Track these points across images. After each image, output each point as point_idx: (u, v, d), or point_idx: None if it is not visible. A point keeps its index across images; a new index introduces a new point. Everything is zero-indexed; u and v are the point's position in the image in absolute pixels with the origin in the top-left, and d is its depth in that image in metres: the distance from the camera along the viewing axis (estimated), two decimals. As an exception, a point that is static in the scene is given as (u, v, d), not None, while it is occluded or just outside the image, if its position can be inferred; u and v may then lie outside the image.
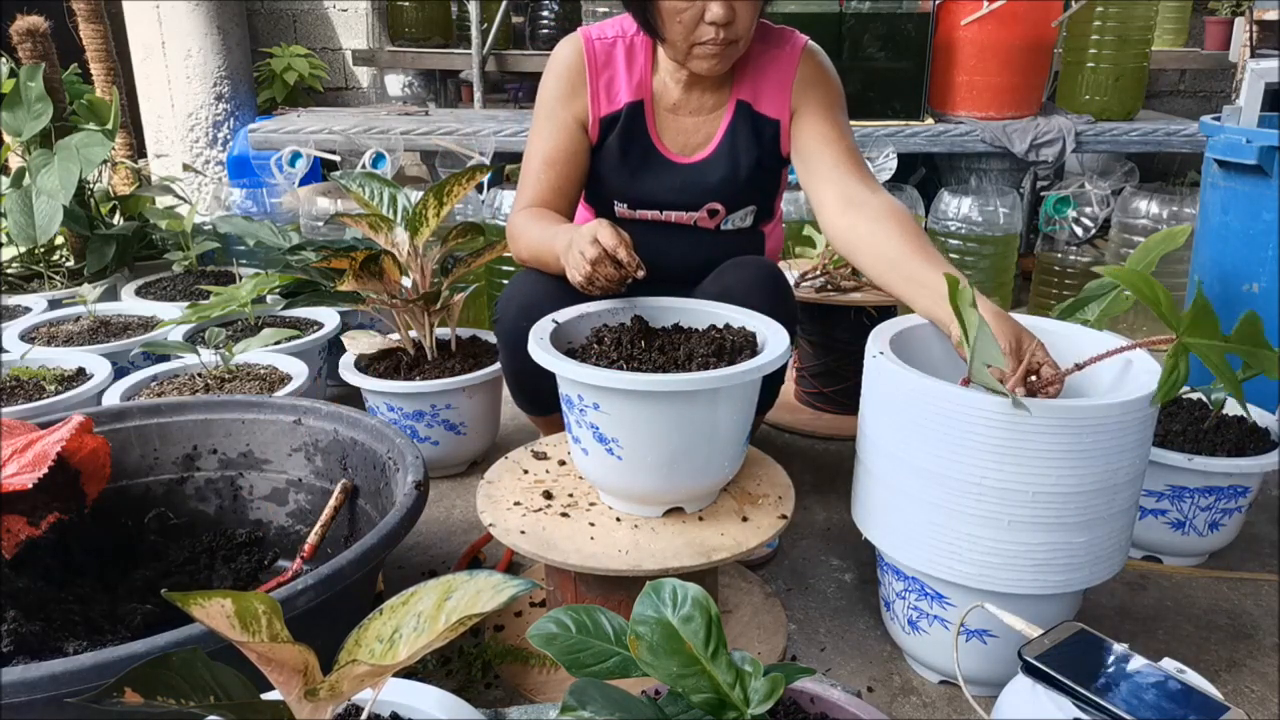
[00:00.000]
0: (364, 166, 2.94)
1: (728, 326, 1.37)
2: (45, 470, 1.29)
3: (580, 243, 1.32)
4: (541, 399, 1.59)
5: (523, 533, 1.27)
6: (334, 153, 3.04)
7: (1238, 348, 1.13)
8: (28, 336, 2.25)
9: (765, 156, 1.58)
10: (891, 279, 1.39)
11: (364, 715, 0.83)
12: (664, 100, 1.57)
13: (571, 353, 1.30)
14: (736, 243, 1.63)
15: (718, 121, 1.57)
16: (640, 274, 1.31)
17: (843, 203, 1.46)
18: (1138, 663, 0.95)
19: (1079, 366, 1.22)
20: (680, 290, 1.51)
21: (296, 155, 2.99)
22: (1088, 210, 2.89)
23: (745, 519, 1.31)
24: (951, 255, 2.73)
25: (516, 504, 1.34)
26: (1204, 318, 1.13)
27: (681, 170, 1.59)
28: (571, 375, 1.20)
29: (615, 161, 1.59)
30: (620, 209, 1.63)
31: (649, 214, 1.62)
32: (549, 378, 1.27)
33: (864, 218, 1.43)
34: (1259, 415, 1.72)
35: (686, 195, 1.59)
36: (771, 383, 1.60)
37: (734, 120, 1.56)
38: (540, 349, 1.25)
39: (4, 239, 2.75)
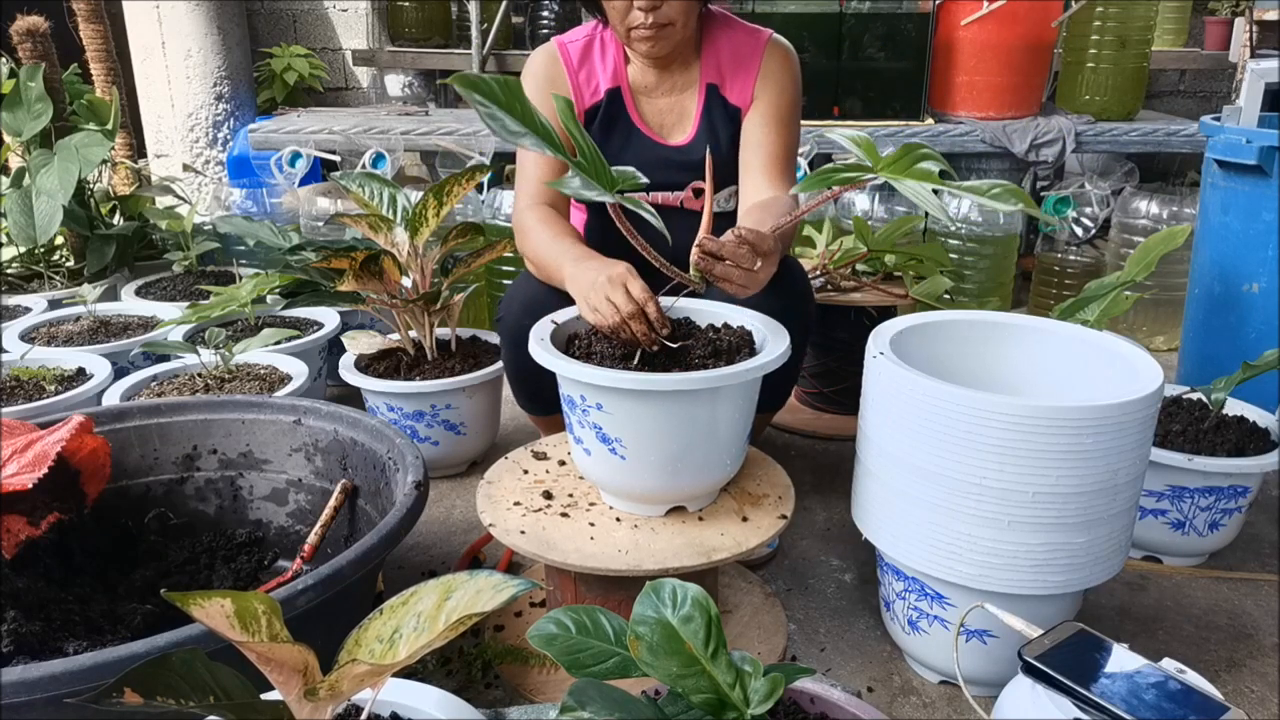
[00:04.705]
0: (364, 166, 2.94)
1: (726, 326, 1.37)
2: (45, 470, 1.29)
3: (607, 287, 1.26)
4: (543, 398, 1.60)
5: (523, 533, 1.27)
6: (334, 153, 3.04)
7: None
8: (28, 336, 2.25)
9: (736, 138, 1.66)
10: None
11: (364, 715, 0.83)
12: (639, 84, 1.65)
13: (571, 353, 1.30)
14: (722, 226, 1.66)
15: (691, 100, 1.65)
16: (665, 331, 1.26)
17: (751, 202, 1.59)
18: (1138, 663, 0.95)
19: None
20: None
21: (296, 155, 2.99)
22: (1088, 210, 2.89)
23: (745, 519, 1.31)
24: (951, 255, 2.73)
25: (516, 504, 1.34)
26: (902, 157, 1.13)
27: (667, 151, 1.66)
28: (575, 375, 1.20)
29: (603, 146, 1.63)
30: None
31: (636, 197, 1.65)
32: (551, 377, 1.27)
33: (748, 209, 1.56)
34: (1259, 415, 1.72)
35: (672, 174, 1.65)
36: (781, 383, 1.61)
37: (707, 102, 1.64)
38: (543, 349, 1.25)
39: (4, 239, 2.75)
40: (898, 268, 2.27)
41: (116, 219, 3.04)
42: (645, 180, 1.14)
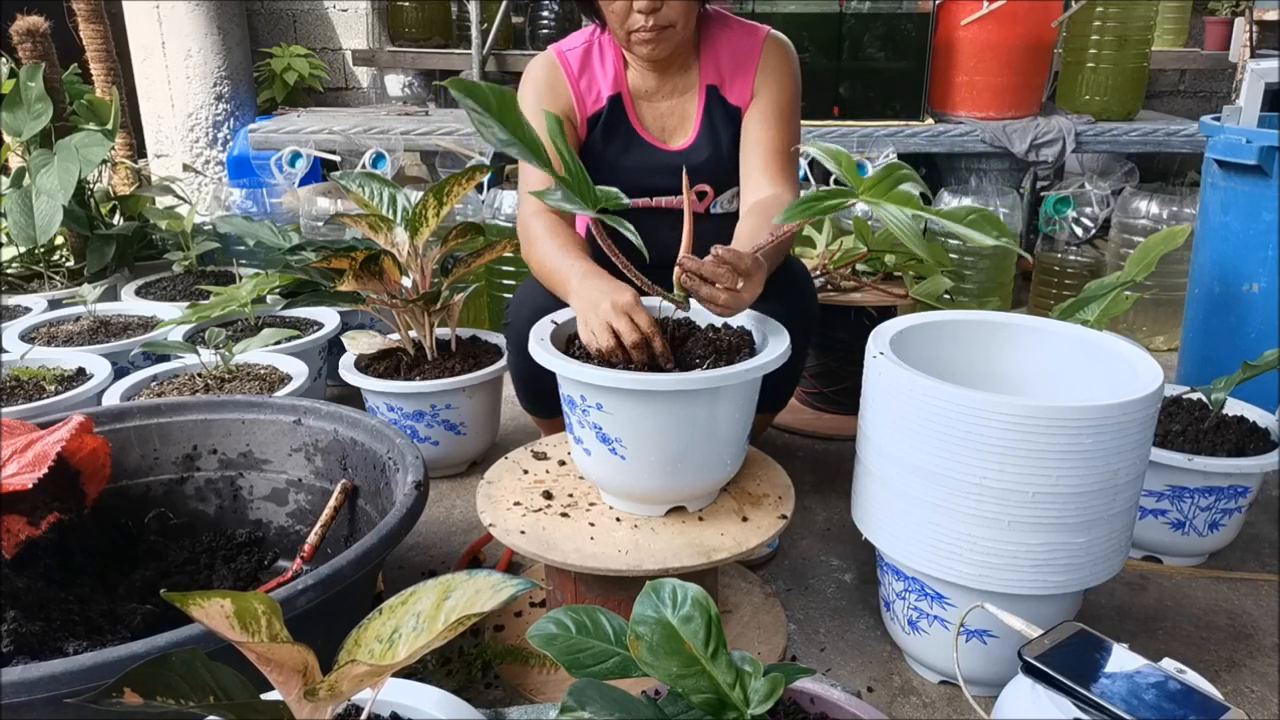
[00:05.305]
0: (364, 166, 2.93)
1: (726, 326, 1.37)
2: (45, 470, 1.29)
3: (611, 315, 1.25)
4: (549, 402, 1.59)
5: (523, 533, 1.27)
6: (334, 153, 3.04)
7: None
8: (28, 336, 2.24)
9: (737, 139, 1.65)
10: None
11: (364, 715, 0.83)
12: (639, 89, 1.64)
13: (571, 353, 1.30)
14: (726, 227, 1.65)
15: (691, 103, 1.64)
16: (669, 366, 1.25)
17: (752, 200, 1.58)
18: (1138, 663, 0.95)
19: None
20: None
21: (296, 155, 2.99)
22: (1088, 210, 2.88)
23: (745, 519, 1.31)
24: (951, 255, 2.73)
25: (516, 504, 1.34)
26: (882, 179, 1.16)
27: (668, 155, 1.65)
28: (575, 375, 1.20)
29: (603, 153, 1.64)
30: None
31: (640, 201, 1.67)
32: (556, 380, 1.27)
33: (748, 210, 1.55)
34: (1259, 415, 1.72)
35: (675, 178, 1.64)
36: (782, 384, 1.61)
37: (708, 104, 1.63)
38: (542, 349, 1.25)
39: (4, 239, 2.75)
40: (898, 268, 2.27)
41: (116, 219, 3.04)
42: (627, 202, 1.15)
